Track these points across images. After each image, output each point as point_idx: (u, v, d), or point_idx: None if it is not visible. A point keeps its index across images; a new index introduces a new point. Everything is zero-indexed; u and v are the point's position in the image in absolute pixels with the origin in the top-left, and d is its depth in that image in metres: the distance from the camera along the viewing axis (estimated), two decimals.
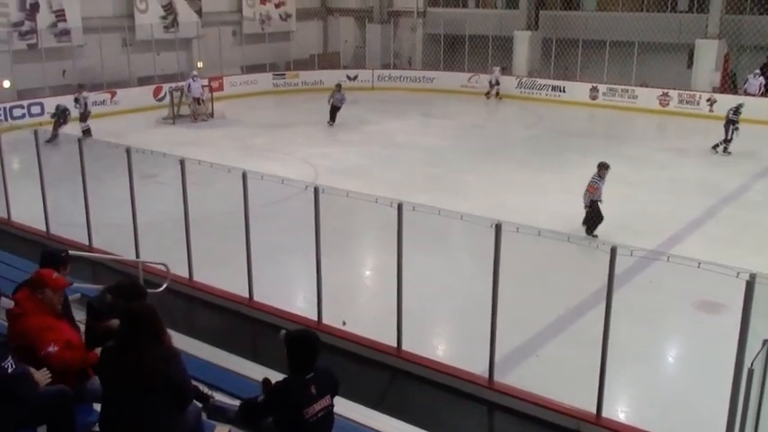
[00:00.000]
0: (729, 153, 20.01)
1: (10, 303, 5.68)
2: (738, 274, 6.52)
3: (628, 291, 9.84)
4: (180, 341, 5.57)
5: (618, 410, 7.96)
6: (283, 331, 4.86)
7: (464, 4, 34.12)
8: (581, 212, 13.51)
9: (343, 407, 5.71)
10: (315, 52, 33.46)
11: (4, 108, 22.68)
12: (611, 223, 13.42)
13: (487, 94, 29.25)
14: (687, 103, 26.26)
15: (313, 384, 4.64)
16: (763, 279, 6.30)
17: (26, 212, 13.43)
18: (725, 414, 6.26)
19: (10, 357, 4.82)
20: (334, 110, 23.74)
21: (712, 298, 10.34)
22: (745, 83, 25.92)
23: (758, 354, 5.39)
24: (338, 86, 24.13)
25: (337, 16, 35.38)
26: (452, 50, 32.34)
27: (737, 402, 5.66)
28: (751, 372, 5.33)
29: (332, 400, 4.81)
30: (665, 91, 26.68)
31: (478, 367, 8.20)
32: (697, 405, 8.08)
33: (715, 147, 20.30)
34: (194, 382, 5.13)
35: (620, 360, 8.07)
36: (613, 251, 7.16)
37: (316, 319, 9.33)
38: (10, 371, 4.76)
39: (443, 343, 10.04)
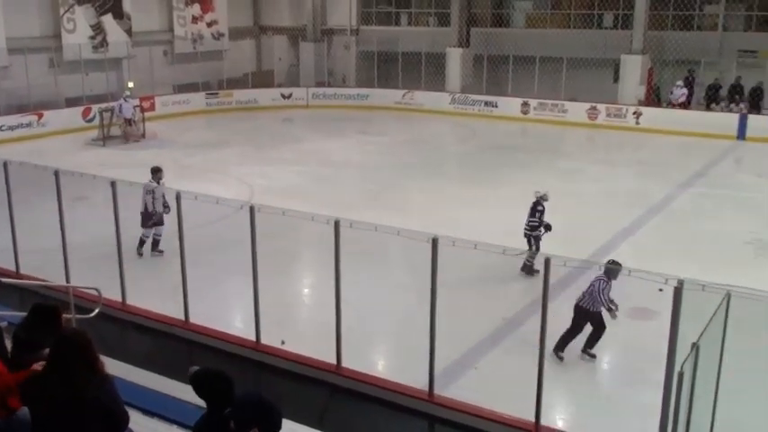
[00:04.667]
0: None
1: None
2: (667, 280, 6.72)
3: (563, 300, 10.02)
4: (114, 367, 5.44)
5: (556, 418, 8.09)
6: (193, 368, 4.60)
7: (397, 22, 34.48)
8: (518, 225, 13.70)
9: (284, 428, 5.65)
10: (248, 71, 33.26)
11: None
12: (546, 234, 13.65)
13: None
14: (615, 116, 27.00)
15: (232, 420, 4.23)
16: (690, 285, 6.50)
17: None
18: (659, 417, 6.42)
19: None
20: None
21: (643, 305, 10.61)
22: (670, 94, 26.85)
23: (687, 357, 5.56)
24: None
25: (270, 35, 35.29)
26: (386, 68, 32.59)
27: (669, 405, 5.80)
28: (681, 375, 5.48)
29: None
30: (594, 105, 27.37)
31: (419, 381, 8.23)
32: (632, 409, 8.26)
33: None
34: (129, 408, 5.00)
35: (556, 368, 8.22)
36: (547, 262, 7.29)
37: (254, 338, 9.24)
38: None
39: (383, 358, 10.04)
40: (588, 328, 9.42)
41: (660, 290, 7.67)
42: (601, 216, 15.84)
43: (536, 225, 12.47)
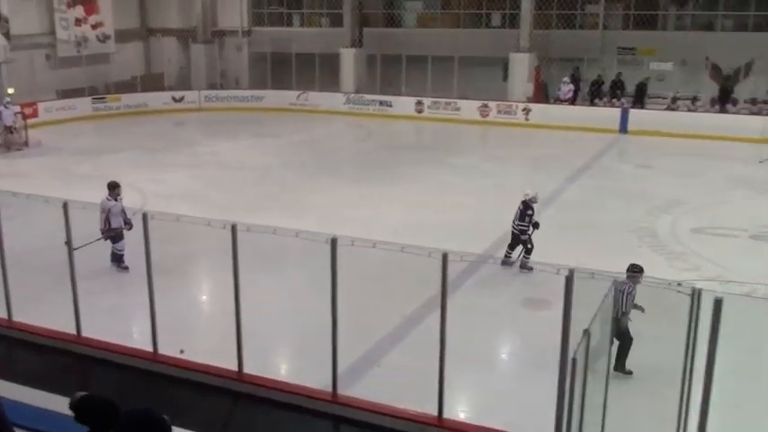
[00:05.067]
0: None
1: None
2: (558, 270, 6.95)
3: (461, 294, 10.22)
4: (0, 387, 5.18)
5: (459, 411, 8.25)
6: (78, 394, 4.31)
7: (289, 23, 34.28)
8: (416, 222, 13.90)
9: None
10: (137, 74, 32.33)
11: None
12: (443, 230, 13.92)
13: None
14: (505, 113, 27.75)
15: None
16: (580, 274, 6.75)
17: None
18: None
19: None
20: None
21: (538, 295, 10.96)
22: (558, 90, 27.84)
23: (579, 344, 5.78)
24: None
25: (159, 37, 34.39)
26: (280, 69, 32.38)
27: (564, 391, 6.00)
28: (574, 361, 5.70)
29: None
30: (485, 102, 28.04)
31: (322, 382, 8.21)
32: (530, 397, 8.50)
33: None
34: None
35: (457, 362, 8.35)
36: (445, 257, 7.41)
37: (151, 349, 8.98)
38: None
39: (286, 362, 9.98)
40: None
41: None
42: (495, 210, 16.22)
43: (525, 228, 12.56)
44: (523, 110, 27.42)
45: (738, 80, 27.80)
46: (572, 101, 27.54)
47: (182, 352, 9.02)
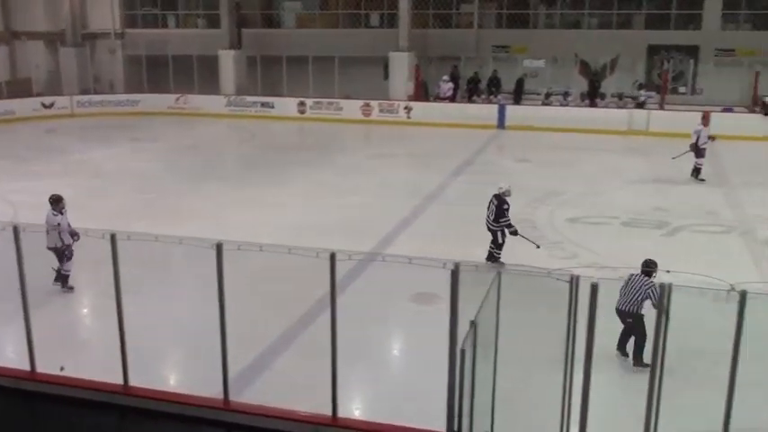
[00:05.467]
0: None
1: None
2: (445, 264, 7.09)
3: (351, 293, 10.26)
4: None
5: (353, 408, 8.28)
6: None
7: (164, 25, 33.39)
8: (303, 223, 13.83)
9: None
10: (1, 80, 30.64)
11: None
12: (330, 230, 13.93)
13: None
14: (387, 111, 28.09)
15: None
16: (466, 267, 6.92)
17: None
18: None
19: None
20: None
21: (426, 290, 11.14)
22: (437, 88, 28.42)
23: (467, 335, 5.92)
24: None
25: (25, 40, 32.69)
26: (156, 72, 31.51)
27: (455, 382, 6.14)
28: (463, 352, 5.83)
29: None
30: (367, 102, 28.29)
31: (213, 390, 8.05)
32: (423, 391, 8.63)
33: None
34: None
35: (350, 360, 8.39)
36: (332, 257, 7.41)
37: (29, 368, 8.54)
38: None
39: (175, 372, 9.72)
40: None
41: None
42: (380, 208, 16.42)
43: (508, 223, 12.55)
44: (405, 108, 27.83)
45: (605, 76, 29.27)
46: (452, 98, 28.19)
47: (62, 369, 8.62)
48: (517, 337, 9.17)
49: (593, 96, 27.74)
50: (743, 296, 5.64)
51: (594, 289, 5.92)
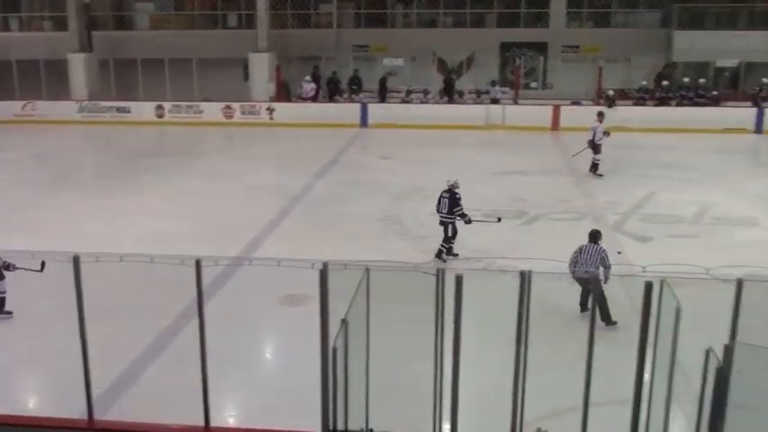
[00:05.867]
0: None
1: None
2: (313, 264, 7.09)
3: (219, 300, 10.08)
4: None
5: (227, 416, 8.14)
6: None
7: (6, 28, 31.50)
8: (166, 230, 13.41)
9: None
10: None
11: None
12: (195, 236, 13.62)
13: None
14: (249, 113, 27.73)
15: None
16: (334, 266, 6.95)
17: None
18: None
19: None
20: None
21: (296, 291, 11.10)
22: (300, 89, 28.35)
23: (338, 334, 5.95)
24: None
25: None
26: None
27: (328, 380, 6.15)
28: (334, 350, 5.86)
29: None
30: (228, 104, 27.81)
31: (76, 411, 7.68)
32: (298, 392, 8.60)
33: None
34: None
35: (221, 367, 8.23)
36: (198, 264, 7.23)
37: None
38: None
39: (34, 394, 9.21)
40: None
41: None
42: (246, 212, 16.19)
43: (461, 212, 12.74)
44: (267, 109, 27.58)
45: (462, 73, 30.21)
46: (314, 98, 28.20)
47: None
48: (389, 333, 9.32)
49: (450, 94, 28.52)
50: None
51: (459, 280, 6.09)
